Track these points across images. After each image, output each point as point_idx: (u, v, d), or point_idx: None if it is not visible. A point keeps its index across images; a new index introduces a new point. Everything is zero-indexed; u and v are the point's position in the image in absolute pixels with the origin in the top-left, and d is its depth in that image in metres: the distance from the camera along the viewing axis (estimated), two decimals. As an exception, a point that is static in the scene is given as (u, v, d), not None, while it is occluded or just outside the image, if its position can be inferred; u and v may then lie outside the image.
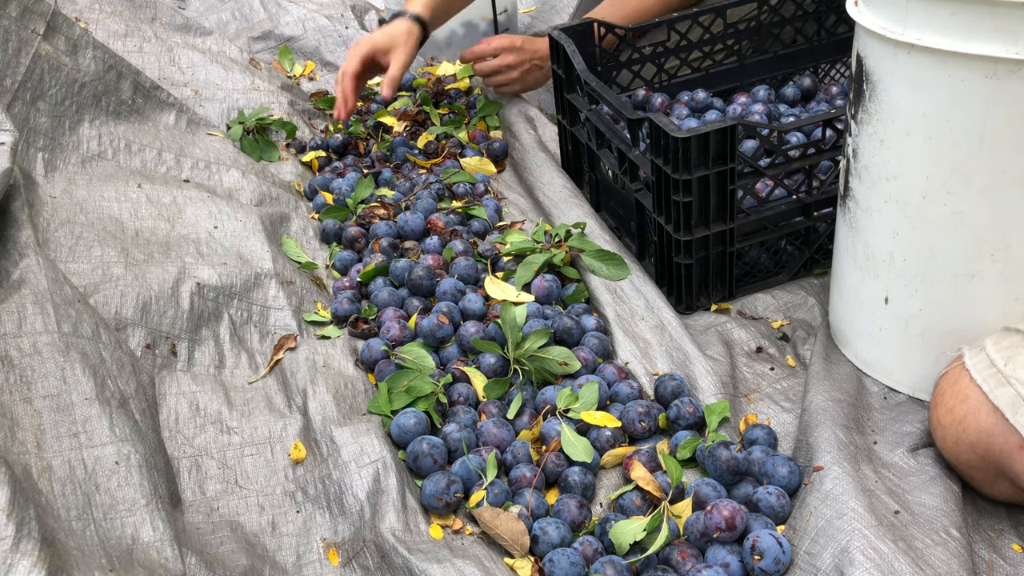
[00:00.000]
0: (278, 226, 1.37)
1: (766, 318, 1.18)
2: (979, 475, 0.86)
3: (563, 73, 1.38)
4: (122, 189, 1.28)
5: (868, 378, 1.03)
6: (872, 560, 0.75)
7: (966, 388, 0.85)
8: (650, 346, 1.13)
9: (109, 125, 1.42)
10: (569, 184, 1.44)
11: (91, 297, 1.06)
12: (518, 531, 0.89)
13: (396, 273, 1.29)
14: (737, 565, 0.83)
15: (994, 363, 0.84)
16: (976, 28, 0.76)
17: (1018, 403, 0.79)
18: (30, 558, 0.68)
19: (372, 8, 2.22)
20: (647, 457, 0.97)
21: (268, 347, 1.15)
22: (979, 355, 0.86)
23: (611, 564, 0.85)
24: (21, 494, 0.73)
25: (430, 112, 1.74)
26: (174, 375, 1.06)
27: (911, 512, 0.83)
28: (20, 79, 1.29)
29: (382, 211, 1.42)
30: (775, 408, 1.04)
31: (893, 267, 0.94)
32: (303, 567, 0.88)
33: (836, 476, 0.85)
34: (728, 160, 1.08)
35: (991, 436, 0.81)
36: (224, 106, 1.67)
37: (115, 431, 0.88)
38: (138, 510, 0.83)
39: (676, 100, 1.49)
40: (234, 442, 0.99)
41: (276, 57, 1.97)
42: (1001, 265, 0.87)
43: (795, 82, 1.53)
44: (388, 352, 1.13)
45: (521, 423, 1.03)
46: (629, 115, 1.16)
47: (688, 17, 1.42)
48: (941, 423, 0.88)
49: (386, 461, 0.96)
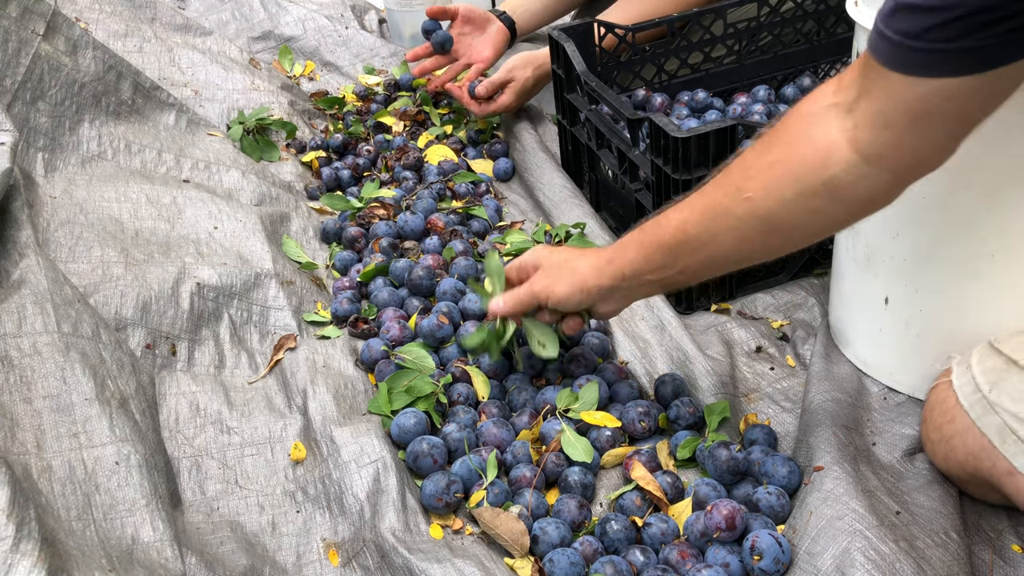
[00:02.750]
0: (278, 226, 1.37)
1: (766, 318, 1.18)
2: (971, 487, 0.86)
3: (563, 73, 1.38)
4: (122, 189, 1.28)
5: (868, 378, 1.03)
6: (873, 561, 0.75)
7: (953, 409, 0.85)
8: (650, 346, 1.13)
9: (109, 125, 1.41)
10: (569, 184, 1.44)
11: (91, 297, 1.06)
12: (518, 531, 0.89)
13: (396, 273, 1.29)
14: (737, 565, 0.83)
15: (979, 388, 0.83)
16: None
17: (1005, 432, 0.79)
18: (30, 558, 0.68)
19: (372, 8, 2.22)
20: (647, 457, 0.97)
21: (268, 347, 1.15)
22: (966, 375, 0.85)
23: (611, 564, 0.85)
24: (21, 494, 0.73)
25: (430, 112, 1.74)
26: (174, 375, 1.06)
27: (911, 513, 0.83)
28: (20, 79, 1.29)
29: (382, 211, 1.42)
30: (775, 408, 1.04)
31: (893, 267, 0.94)
32: (303, 567, 0.88)
33: (836, 476, 0.84)
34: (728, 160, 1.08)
35: (979, 460, 0.81)
36: (224, 106, 1.67)
37: (115, 431, 0.88)
38: (138, 510, 0.83)
39: (676, 100, 1.49)
40: (234, 442, 0.99)
41: (276, 57, 1.97)
42: (1002, 265, 0.87)
43: (795, 82, 1.53)
44: (388, 352, 1.13)
45: (521, 423, 1.03)
46: (629, 115, 1.16)
47: (688, 17, 1.42)
48: (930, 438, 0.88)
49: (386, 461, 0.96)
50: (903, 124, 0.69)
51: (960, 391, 0.85)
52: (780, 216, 0.77)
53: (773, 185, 0.77)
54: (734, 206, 0.79)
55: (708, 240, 0.83)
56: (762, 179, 0.77)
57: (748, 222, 0.79)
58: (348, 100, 1.83)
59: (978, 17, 0.60)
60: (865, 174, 0.72)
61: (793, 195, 0.76)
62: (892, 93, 0.68)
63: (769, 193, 0.77)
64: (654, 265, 0.88)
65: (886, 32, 0.66)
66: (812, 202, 0.75)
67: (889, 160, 0.71)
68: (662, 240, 0.86)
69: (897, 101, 0.68)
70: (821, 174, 0.74)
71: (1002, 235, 0.86)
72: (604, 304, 0.96)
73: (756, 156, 0.79)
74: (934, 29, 0.62)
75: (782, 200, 0.76)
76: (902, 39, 0.65)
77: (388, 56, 1.98)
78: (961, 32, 0.61)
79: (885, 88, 0.68)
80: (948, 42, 0.62)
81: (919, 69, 0.65)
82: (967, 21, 0.61)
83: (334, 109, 1.82)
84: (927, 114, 0.67)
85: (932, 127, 0.68)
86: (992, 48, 0.62)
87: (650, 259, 0.88)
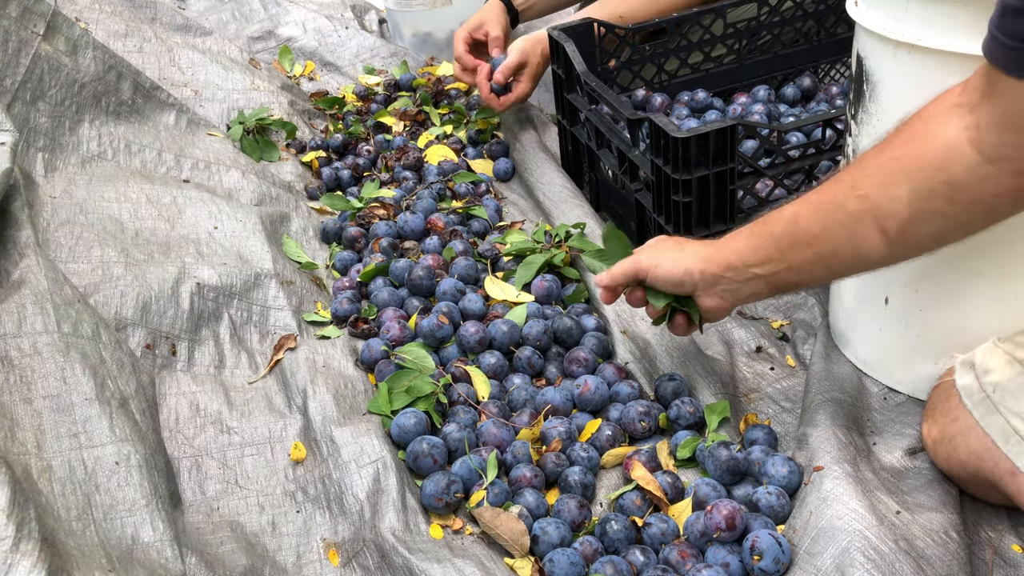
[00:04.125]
0: (278, 226, 1.37)
1: (766, 318, 1.18)
2: (972, 487, 0.86)
3: (563, 73, 1.38)
4: (122, 189, 1.28)
5: (868, 378, 1.03)
6: (873, 561, 0.75)
7: (956, 408, 0.85)
8: (650, 346, 1.13)
9: (109, 125, 1.41)
10: (569, 184, 1.44)
11: (91, 297, 1.06)
12: (518, 531, 0.89)
13: (396, 273, 1.29)
14: (737, 565, 0.83)
15: (983, 388, 0.83)
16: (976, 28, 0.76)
17: (1008, 432, 0.79)
18: (30, 558, 0.68)
19: (372, 8, 2.22)
20: (647, 457, 0.97)
21: (268, 347, 1.15)
22: (969, 375, 0.85)
23: (611, 564, 0.85)
24: (21, 494, 0.73)
25: (430, 112, 1.74)
26: (174, 375, 1.06)
27: (911, 513, 0.83)
28: (20, 79, 1.29)
29: (382, 211, 1.42)
30: (775, 408, 1.04)
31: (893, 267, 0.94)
32: (303, 567, 0.88)
33: (836, 476, 0.84)
34: (728, 160, 1.08)
35: (981, 460, 0.81)
36: (224, 106, 1.67)
37: (115, 431, 0.88)
38: (138, 510, 0.83)
39: (676, 100, 1.49)
40: (234, 442, 0.99)
41: (276, 57, 1.97)
42: (1002, 263, 0.87)
43: (795, 82, 1.53)
44: (388, 352, 1.13)
45: (521, 423, 1.03)
46: (629, 115, 1.16)
47: (688, 17, 1.42)
48: (932, 438, 0.88)
49: (386, 461, 0.96)
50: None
51: (963, 391, 0.85)
52: (893, 214, 0.74)
53: (888, 180, 0.74)
54: (847, 201, 0.76)
55: (819, 234, 0.80)
56: (877, 175, 0.75)
57: (861, 219, 0.76)
58: (348, 100, 1.83)
59: None
60: (987, 175, 0.69)
61: (908, 192, 0.73)
62: (1016, 95, 0.65)
63: (885, 189, 0.74)
64: (761, 256, 0.85)
65: (997, 35, 0.64)
66: (929, 203, 0.72)
67: (1014, 162, 0.68)
68: (772, 230, 0.83)
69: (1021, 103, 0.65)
70: (940, 173, 0.71)
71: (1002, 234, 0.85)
72: (708, 296, 0.91)
73: (875, 152, 0.76)
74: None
75: (896, 197, 0.73)
76: (1014, 42, 0.63)
77: (388, 56, 1.98)
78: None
79: (1008, 90, 0.66)
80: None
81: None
82: None
83: (334, 109, 1.82)
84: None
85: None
86: None
87: (757, 249, 0.85)
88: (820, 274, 0.84)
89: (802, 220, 0.81)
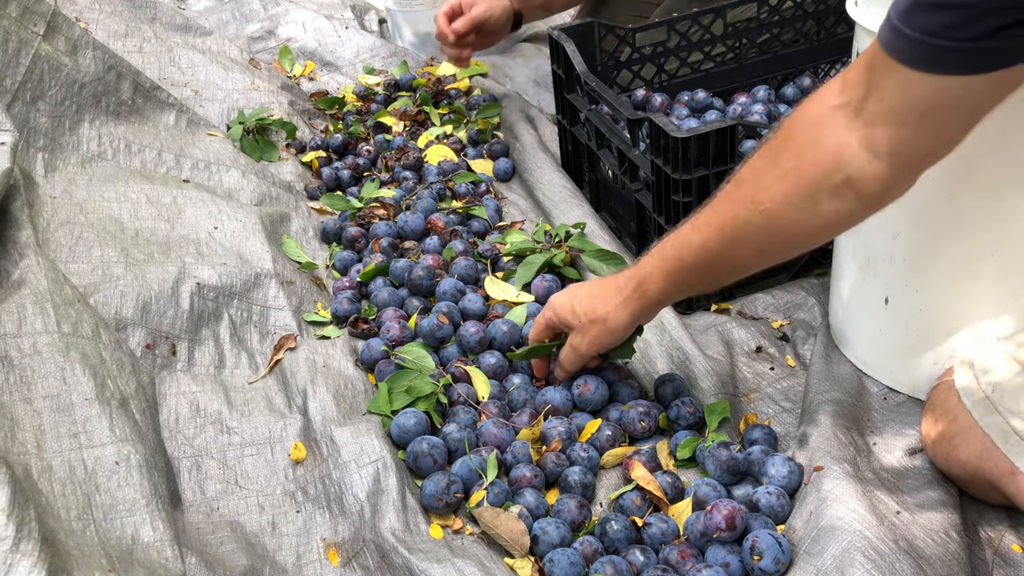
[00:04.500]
0: (278, 226, 1.37)
1: (766, 318, 1.18)
2: (972, 487, 0.86)
3: (563, 73, 1.38)
4: (122, 189, 1.28)
5: (868, 378, 1.03)
6: (873, 560, 0.75)
7: (955, 408, 0.85)
8: (650, 346, 1.13)
9: (109, 125, 1.41)
10: (569, 184, 1.44)
11: (91, 297, 1.06)
12: (518, 531, 0.89)
13: (396, 273, 1.29)
14: (737, 565, 0.83)
15: (982, 388, 0.83)
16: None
17: (1008, 432, 0.79)
18: (30, 558, 0.68)
19: (372, 8, 2.22)
20: (647, 457, 0.97)
21: (268, 347, 1.15)
22: (968, 375, 0.85)
23: (611, 564, 0.85)
24: (21, 494, 0.73)
25: (430, 112, 1.74)
26: (174, 375, 1.06)
27: (911, 513, 0.83)
28: (20, 79, 1.29)
29: (382, 211, 1.42)
30: (775, 408, 1.04)
31: (893, 267, 0.94)
32: (303, 567, 0.88)
33: (836, 476, 0.84)
34: (728, 160, 1.08)
35: (981, 459, 0.81)
36: (224, 106, 1.67)
37: (115, 431, 0.88)
38: (138, 510, 0.83)
39: (676, 100, 1.49)
40: (234, 442, 0.99)
41: (276, 57, 1.97)
42: (1002, 264, 0.87)
43: (795, 82, 1.53)
44: (388, 352, 1.13)
45: (521, 423, 1.04)
46: (629, 115, 1.16)
47: (688, 17, 1.42)
48: (931, 438, 0.88)
49: (386, 461, 0.96)
50: (917, 119, 0.69)
51: (962, 391, 0.85)
52: (799, 222, 0.78)
53: (789, 194, 0.77)
54: (752, 219, 0.80)
55: (731, 253, 0.85)
56: (776, 189, 0.78)
57: (768, 232, 0.80)
58: (348, 100, 1.83)
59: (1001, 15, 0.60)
60: (880, 171, 0.73)
61: (810, 201, 0.76)
62: (907, 89, 0.68)
63: (787, 203, 0.78)
64: (683, 288, 0.93)
65: (903, 29, 0.65)
66: (829, 204, 0.76)
67: (903, 155, 0.71)
68: (687, 263, 0.88)
69: (912, 96, 0.68)
70: (836, 176, 0.74)
71: (1002, 235, 0.86)
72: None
73: (767, 166, 0.79)
74: (956, 27, 0.62)
75: (799, 207, 0.77)
76: (922, 36, 0.64)
77: (388, 56, 1.98)
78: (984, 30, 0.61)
79: (899, 84, 0.68)
80: (974, 40, 0.62)
81: (938, 65, 0.65)
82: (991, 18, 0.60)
83: (334, 109, 1.82)
84: (942, 108, 0.67)
85: (946, 120, 0.69)
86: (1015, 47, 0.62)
87: (679, 284, 0.91)
88: (735, 278, 0.95)
89: (712, 245, 0.85)
